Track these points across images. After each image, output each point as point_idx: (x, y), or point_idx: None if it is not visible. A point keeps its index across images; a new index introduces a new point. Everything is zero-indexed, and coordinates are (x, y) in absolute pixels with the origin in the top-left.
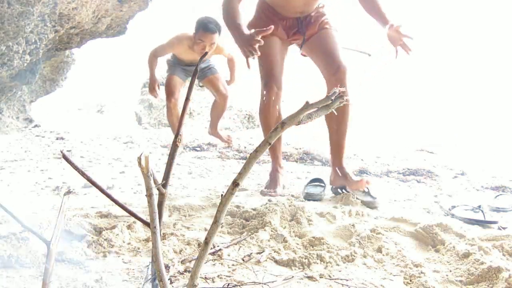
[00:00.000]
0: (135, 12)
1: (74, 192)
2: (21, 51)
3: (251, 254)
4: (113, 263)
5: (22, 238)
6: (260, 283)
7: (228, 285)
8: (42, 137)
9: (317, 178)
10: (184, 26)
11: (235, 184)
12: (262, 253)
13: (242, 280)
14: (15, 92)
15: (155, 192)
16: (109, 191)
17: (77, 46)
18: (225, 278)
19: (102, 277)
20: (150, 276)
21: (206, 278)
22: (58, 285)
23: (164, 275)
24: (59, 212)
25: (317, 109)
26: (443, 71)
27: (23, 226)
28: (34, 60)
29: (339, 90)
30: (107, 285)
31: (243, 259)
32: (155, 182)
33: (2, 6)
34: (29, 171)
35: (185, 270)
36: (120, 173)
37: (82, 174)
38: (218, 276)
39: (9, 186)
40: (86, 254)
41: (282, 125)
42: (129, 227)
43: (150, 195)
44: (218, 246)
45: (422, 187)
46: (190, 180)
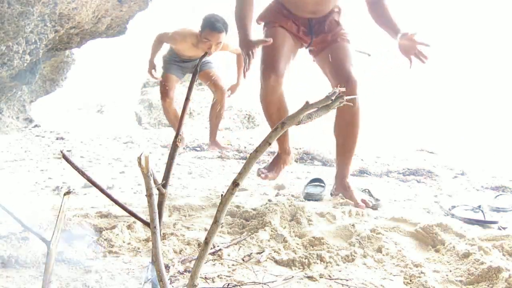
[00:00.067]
0: (135, 12)
1: (74, 192)
2: (21, 51)
3: (251, 254)
4: (113, 263)
5: (22, 238)
6: (260, 283)
7: (228, 285)
8: (42, 137)
9: (317, 178)
10: (184, 26)
11: (235, 184)
12: (262, 253)
13: (242, 280)
14: (15, 92)
15: (155, 192)
16: (109, 191)
17: (77, 46)
18: (225, 278)
19: (102, 277)
20: (150, 276)
21: (206, 278)
22: (58, 285)
23: (164, 275)
24: (59, 212)
25: (317, 109)
26: (443, 71)
27: (23, 226)
28: (34, 60)
29: (339, 90)
30: (107, 285)
31: (243, 259)
32: (155, 182)
33: (2, 6)
34: (29, 171)
35: (185, 270)
36: (120, 173)
37: (82, 174)
38: (218, 276)
39: (9, 186)
40: (86, 254)
41: (282, 125)
42: (129, 227)
43: (150, 195)
44: (218, 246)
45: (422, 187)
46: (190, 180)
